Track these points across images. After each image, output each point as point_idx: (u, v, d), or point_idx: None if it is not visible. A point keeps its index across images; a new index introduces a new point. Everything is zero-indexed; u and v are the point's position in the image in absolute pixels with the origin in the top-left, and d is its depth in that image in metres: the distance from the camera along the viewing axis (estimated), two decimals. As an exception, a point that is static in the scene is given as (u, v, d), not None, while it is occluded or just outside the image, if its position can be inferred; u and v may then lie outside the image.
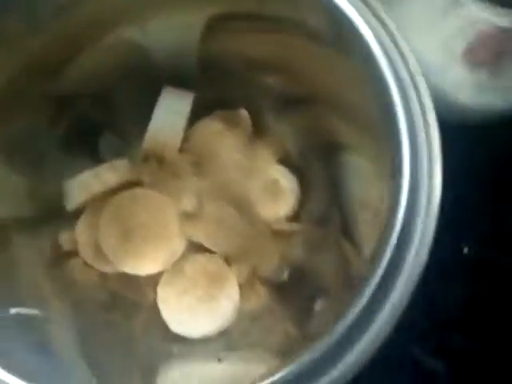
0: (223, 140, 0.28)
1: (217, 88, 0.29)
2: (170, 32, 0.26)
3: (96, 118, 0.28)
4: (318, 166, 0.30)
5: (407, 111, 0.19)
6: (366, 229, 0.26)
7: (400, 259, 0.17)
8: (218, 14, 0.25)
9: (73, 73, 0.25)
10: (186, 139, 0.28)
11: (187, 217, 0.26)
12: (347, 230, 0.27)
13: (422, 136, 0.19)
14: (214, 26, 0.25)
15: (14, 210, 0.26)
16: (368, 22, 0.19)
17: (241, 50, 0.27)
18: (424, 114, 0.19)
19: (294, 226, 0.28)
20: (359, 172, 0.27)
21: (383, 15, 0.19)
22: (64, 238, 0.26)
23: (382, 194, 0.22)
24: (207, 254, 0.27)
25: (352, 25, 0.19)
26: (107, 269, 0.27)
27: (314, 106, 0.27)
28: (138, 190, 0.26)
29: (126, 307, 0.27)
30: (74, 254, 0.27)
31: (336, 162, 0.28)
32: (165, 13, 0.25)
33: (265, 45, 0.26)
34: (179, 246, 0.26)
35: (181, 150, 0.28)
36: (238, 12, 0.24)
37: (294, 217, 0.29)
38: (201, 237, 0.26)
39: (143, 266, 0.25)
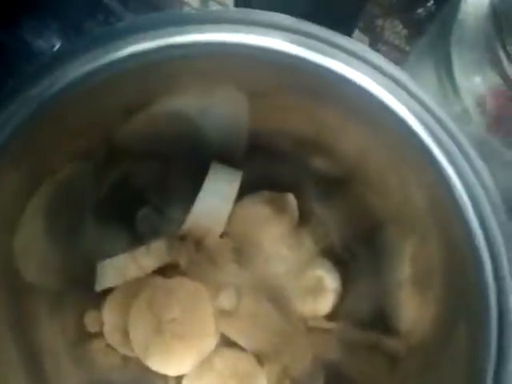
0: (268, 227, 0.26)
1: (263, 168, 0.28)
2: (220, 108, 0.25)
3: (140, 185, 0.27)
4: (360, 256, 0.28)
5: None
6: (406, 313, 0.24)
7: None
8: (263, 90, 0.23)
9: (127, 130, 0.24)
10: (228, 219, 0.26)
11: (223, 313, 0.24)
12: (388, 324, 0.26)
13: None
14: (261, 103, 0.24)
15: (42, 278, 0.25)
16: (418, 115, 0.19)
17: (288, 130, 0.25)
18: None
19: (332, 325, 0.27)
20: (394, 247, 0.26)
21: (429, 102, 0.19)
22: (89, 319, 0.25)
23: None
24: (238, 350, 0.25)
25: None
26: (131, 353, 0.25)
27: (354, 186, 0.26)
28: (173, 281, 0.24)
29: (145, 394, 0.26)
30: (98, 335, 0.25)
31: (376, 246, 0.27)
32: (217, 91, 0.24)
33: (309, 125, 0.25)
34: (212, 344, 0.24)
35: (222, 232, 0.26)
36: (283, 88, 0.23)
37: (332, 315, 0.27)
38: (234, 333, 0.25)
39: (171, 365, 0.23)
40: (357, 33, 0.40)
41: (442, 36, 0.27)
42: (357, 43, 0.19)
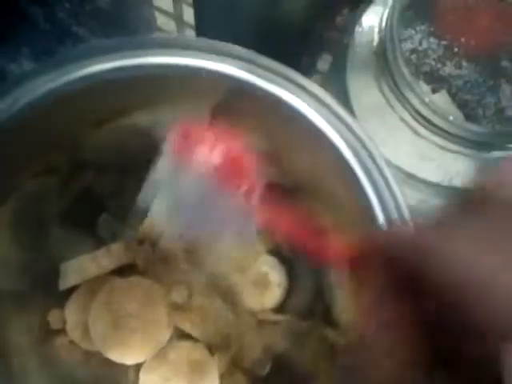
0: (218, 229, 0.29)
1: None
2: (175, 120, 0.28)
3: (100, 194, 0.29)
4: (305, 255, 0.31)
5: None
6: (346, 309, 0.27)
7: None
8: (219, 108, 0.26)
9: (93, 145, 0.26)
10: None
11: (175, 307, 0.27)
12: (330, 317, 0.28)
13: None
14: (217, 114, 0.27)
15: (8, 281, 0.27)
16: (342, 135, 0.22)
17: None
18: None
19: (279, 317, 0.29)
20: None
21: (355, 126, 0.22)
22: (53, 317, 0.27)
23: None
24: (191, 341, 0.27)
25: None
26: (92, 348, 0.27)
27: (300, 196, 0.29)
28: (130, 279, 0.26)
29: (107, 387, 0.28)
30: (61, 332, 0.27)
31: None
32: (173, 104, 0.27)
33: (261, 140, 0.27)
34: (165, 336, 0.26)
35: (176, 235, 0.29)
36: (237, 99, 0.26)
37: (279, 308, 0.30)
38: (187, 326, 0.27)
39: (129, 355, 0.26)
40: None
41: (339, 67, 0.30)
42: (296, 74, 0.22)
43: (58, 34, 0.44)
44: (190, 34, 0.44)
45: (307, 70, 0.43)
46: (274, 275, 0.29)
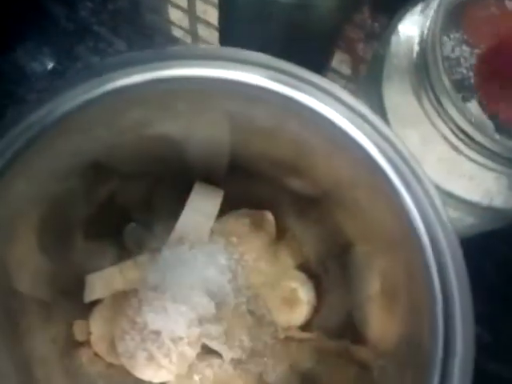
0: (248, 242, 0.28)
1: (243, 186, 0.30)
2: (203, 132, 0.27)
3: (127, 203, 0.29)
4: (333, 270, 0.30)
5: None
6: (375, 324, 0.26)
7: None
8: (243, 118, 0.25)
9: (118, 149, 0.26)
10: (210, 235, 0.28)
11: (203, 321, 0.26)
12: (359, 334, 0.27)
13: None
14: (240, 129, 0.26)
15: (34, 289, 0.26)
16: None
17: (263, 152, 0.27)
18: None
19: (306, 335, 0.28)
20: (364, 263, 0.27)
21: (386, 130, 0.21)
22: (78, 328, 0.26)
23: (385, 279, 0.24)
24: (217, 358, 0.27)
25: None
26: (117, 361, 0.26)
27: (328, 206, 0.28)
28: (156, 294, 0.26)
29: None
30: (85, 343, 0.27)
31: (347, 261, 0.29)
32: (199, 114, 0.26)
33: (286, 148, 0.27)
34: (193, 353, 0.25)
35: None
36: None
37: (307, 325, 0.29)
38: (214, 342, 0.26)
39: (154, 373, 0.25)
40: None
41: (374, 77, 0.29)
42: (323, 79, 0.21)
43: (79, 32, 0.44)
44: (212, 34, 0.43)
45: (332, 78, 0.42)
46: (303, 291, 0.28)
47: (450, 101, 0.25)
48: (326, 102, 0.21)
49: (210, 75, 0.21)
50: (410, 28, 0.30)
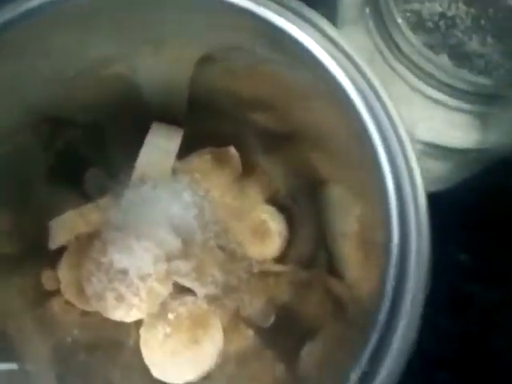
0: (213, 179, 0.28)
1: (206, 125, 0.29)
2: (159, 68, 0.26)
3: (85, 150, 0.28)
4: (304, 203, 0.29)
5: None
6: (351, 263, 0.25)
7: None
8: (208, 52, 0.24)
9: (68, 99, 0.25)
10: (174, 174, 0.28)
11: (171, 258, 0.25)
12: (334, 267, 0.27)
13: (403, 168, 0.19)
14: (204, 64, 0.25)
15: (-1, 245, 0.26)
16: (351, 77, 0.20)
17: (228, 89, 0.26)
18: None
19: (281, 268, 0.28)
20: (340, 203, 0.26)
21: (366, 70, 0.20)
22: (46, 277, 0.26)
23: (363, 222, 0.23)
24: (191, 296, 0.26)
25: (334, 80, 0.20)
26: (89, 308, 0.26)
27: (299, 143, 0.27)
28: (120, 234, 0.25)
29: (107, 348, 0.27)
30: (56, 293, 0.26)
31: (320, 197, 0.28)
32: (153, 49, 0.25)
33: (252, 84, 0.26)
34: (164, 289, 0.25)
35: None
36: (228, 50, 0.24)
37: (281, 258, 0.28)
38: (186, 280, 0.26)
39: (128, 312, 0.25)
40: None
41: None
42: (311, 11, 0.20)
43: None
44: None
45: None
46: (273, 223, 0.28)
47: (402, 37, 0.24)
48: (307, 31, 0.20)
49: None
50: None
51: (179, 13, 0.22)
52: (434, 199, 0.20)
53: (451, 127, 0.25)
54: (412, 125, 0.26)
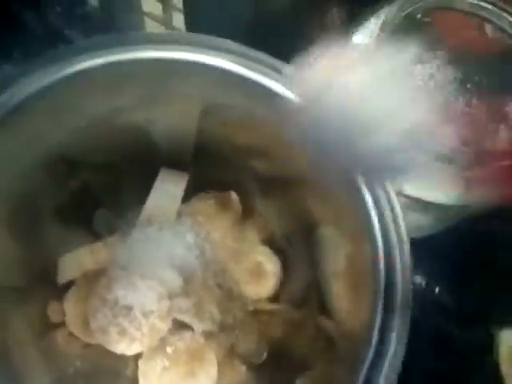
0: (215, 221, 0.30)
1: (209, 170, 0.31)
2: (170, 119, 0.28)
3: (96, 189, 0.30)
4: (298, 245, 0.31)
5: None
6: (341, 301, 0.27)
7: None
8: (205, 106, 0.27)
9: (86, 144, 0.27)
10: (178, 216, 0.30)
11: (173, 295, 0.27)
12: (325, 306, 0.29)
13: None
14: (205, 117, 0.27)
15: (8, 278, 0.27)
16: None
17: (227, 138, 0.28)
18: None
19: (275, 307, 0.30)
20: (331, 243, 0.28)
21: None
22: (52, 309, 0.27)
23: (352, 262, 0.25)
24: (189, 330, 0.28)
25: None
26: (92, 340, 0.27)
27: (295, 188, 0.29)
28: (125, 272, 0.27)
29: (105, 377, 0.28)
30: (60, 325, 0.28)
31: (313, 238, 0.30)
32: (166, 101, 0.28)
33: (245, 134, 0.28)
34: (165, 325, 0.27)
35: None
36: (219, 105, 0.26)
37: (275, 297, 0.30)
38: (185, 316, 0.27)
39: (128, 346, 0.26)
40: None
41: None
42: (284, 64, 0.22)
43: (50, 37, 0.45)
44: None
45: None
46: (269, 264, 0.30)
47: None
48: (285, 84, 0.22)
49: (174, 57, 0.22)
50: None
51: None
52: (417, 244, 0.22)
53: (434, 184, 0.28)
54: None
